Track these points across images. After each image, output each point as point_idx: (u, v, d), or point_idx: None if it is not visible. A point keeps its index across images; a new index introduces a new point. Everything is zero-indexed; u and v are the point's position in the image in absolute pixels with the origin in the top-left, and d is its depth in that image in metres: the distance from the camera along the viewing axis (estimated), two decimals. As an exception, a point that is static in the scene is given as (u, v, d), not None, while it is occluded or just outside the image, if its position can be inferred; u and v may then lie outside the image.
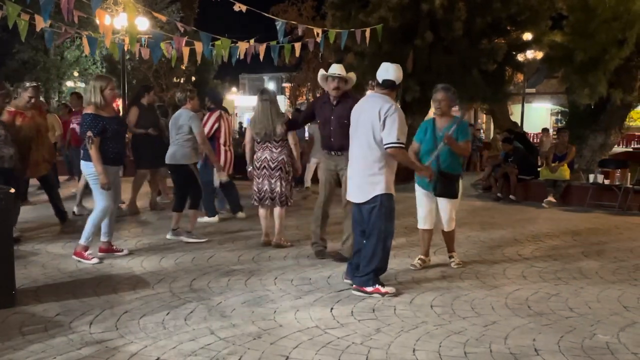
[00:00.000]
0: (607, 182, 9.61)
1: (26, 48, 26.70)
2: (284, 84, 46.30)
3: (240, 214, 8.00)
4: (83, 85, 29.10)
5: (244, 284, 4.89)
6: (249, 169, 6.38)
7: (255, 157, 6.27)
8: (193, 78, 34.46)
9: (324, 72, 5.67)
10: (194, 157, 6.61)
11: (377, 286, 4.58)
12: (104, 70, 30.25)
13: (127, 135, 7.23)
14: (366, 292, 4.57)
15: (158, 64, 25.69)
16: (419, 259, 5.56)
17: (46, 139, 6.93)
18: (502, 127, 16.46)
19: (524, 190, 10.34)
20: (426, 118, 5.37)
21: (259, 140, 6.19)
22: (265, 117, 6.09)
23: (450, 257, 5.66)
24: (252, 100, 52.08)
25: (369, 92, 4.78)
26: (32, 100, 6.59)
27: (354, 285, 4.66)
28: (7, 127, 6.18)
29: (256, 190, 6.25)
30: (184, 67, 29.40)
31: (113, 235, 5.94)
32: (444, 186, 5.31)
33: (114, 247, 5.85)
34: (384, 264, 4.64)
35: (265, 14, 7.94)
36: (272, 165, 6.13)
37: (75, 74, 30.08)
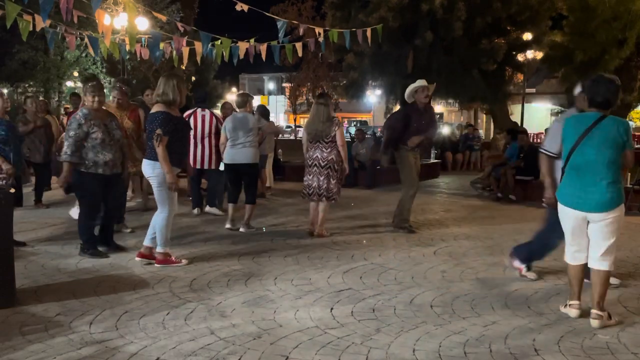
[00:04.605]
0: (607, 182, 9.57)
1: (26, 48, 26.71)
2: (284, 84, 46.29)
3: (210, 209, 8.19)
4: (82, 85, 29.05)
5: (244, 284, 4.89)
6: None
7: (307, 155, 6.83)
8: (193, 78, 34.44)
9: (414, 85, 6.98)
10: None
11: (525, 268, 5.11)
12: (104, 70, 30.24)
13: None
14: (513, 266, 5.17)
15: (158, 63, 25.70)
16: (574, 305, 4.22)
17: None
18: (502, 127, 16.45)
19: (523, 190, 10.33)
20: None
21: (311, 140, 6.75)
22: (318, 119, 6.68)
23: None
24: (252, 101, 52.28)
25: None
26: (118, 101, 6.86)
27: (510, 251, 5.26)
28: (109, 131, 5.62)
29: (306, 185, 6.84)
30: (184, 67, 29.40)
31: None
32: None
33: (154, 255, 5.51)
34: (541, 254, 5.11)
35: (267, 14, 7.93)
36: (322, 164, 6.68)
37: (75, 74, 30.05)
